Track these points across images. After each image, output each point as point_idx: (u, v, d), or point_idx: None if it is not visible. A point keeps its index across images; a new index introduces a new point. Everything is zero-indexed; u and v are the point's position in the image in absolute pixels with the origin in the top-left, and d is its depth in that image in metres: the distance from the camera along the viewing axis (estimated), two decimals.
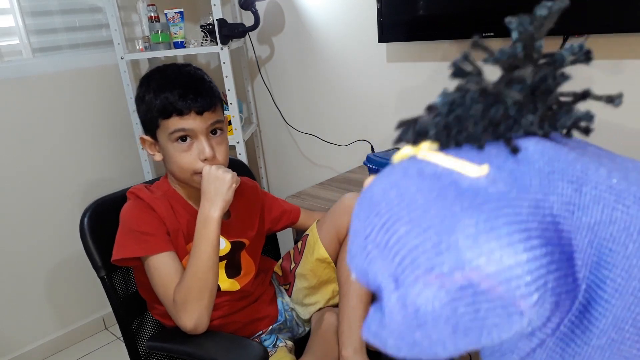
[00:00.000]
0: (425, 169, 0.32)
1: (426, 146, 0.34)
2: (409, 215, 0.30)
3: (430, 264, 0.28)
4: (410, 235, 0.29)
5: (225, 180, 0.99)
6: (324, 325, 1.12)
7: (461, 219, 0.28)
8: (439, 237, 0.28)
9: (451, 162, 0.32)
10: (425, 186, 0.31)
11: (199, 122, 1.00)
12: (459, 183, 0.30)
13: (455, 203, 0.29)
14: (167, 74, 1.03)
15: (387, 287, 0.30)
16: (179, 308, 0.98)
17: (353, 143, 1.96)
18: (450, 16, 1.47)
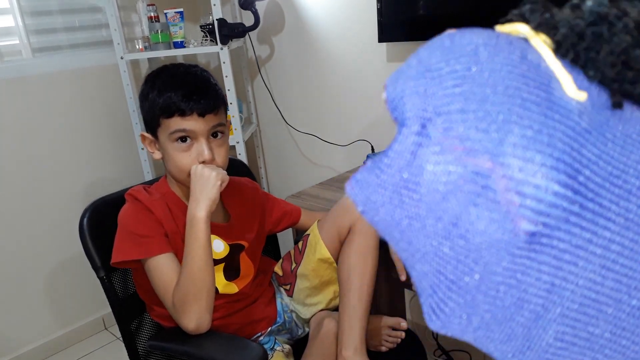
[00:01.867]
0: (530, 55, 0.30)
1: (543, 37, 0.31)
2: (485, 81, 0.28)
3: (466, 134, 0.27)
4: (472, 98, 0.27)
5: (210, 179, 0.98)
6: (323, 331, 1.12)
7: (529, 118, 0.26)
8: (494, 118, 0.27)
9: (559, 68, 0.29)
10: (520, 69, 0.29)
11: (200, 124, 0.99)
12: (552, 89, 0.28)
13: (536, 103, 0.27)
14: (172, 73, 1.03)
15: (411, 127, 0.29)
16: (178, 310, 0.98)
17: (353, 143, 1.96)
18: (450, 16, 1.47)
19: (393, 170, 0.29)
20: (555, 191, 0.25)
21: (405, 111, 0.29)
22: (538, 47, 0.30)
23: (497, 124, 0.26)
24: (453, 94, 0.28)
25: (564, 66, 0.30)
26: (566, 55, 0.30)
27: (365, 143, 1.88)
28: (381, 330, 1.19)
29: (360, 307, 1.07)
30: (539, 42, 0.31)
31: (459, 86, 0.28)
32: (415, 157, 0.28)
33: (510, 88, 0.27)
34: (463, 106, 0.27)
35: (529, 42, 0.31)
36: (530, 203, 0.26)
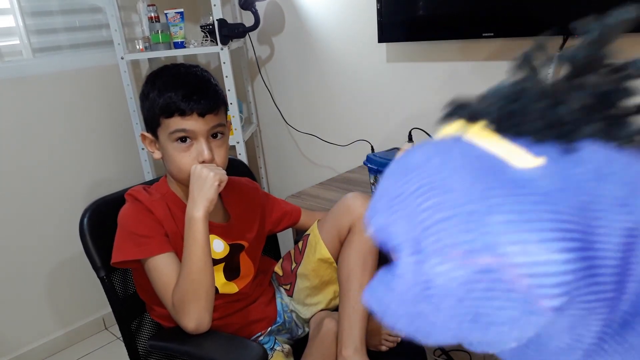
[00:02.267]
0: (475, 147, 0.31)
1: (479, 127, 0.33)
2: (447, 186, 0.29)
3: (457, 239, 0.27)
4: (445, 205, 0.28)
5: (208, 179, 0.98)
6: (323, 331, 1.12)
7: (504, 204, 0.27)
8: (475, 215, 0.27)
9: (506, 147, 0.31)
10: (472, 163, 0.30)
11: (200, 124, 0.99)
12: (509, 169, 0.29)
13: (502, 187, 0.28)
14: (173, 73, 1.03)
15: (406, 250, 0.30)
16: (178, 310, 0.98)
17: (353, 143, 1.96)
18: (450, 16, 1.47)
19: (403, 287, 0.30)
20: (563, 259, 0.26)
21: (394, 239, 0.31)
22: (478, 137, 0.32)
23: (480, 219, 0.27)
24: (428, 208, 0.29)
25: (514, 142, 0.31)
26: (507, 132, 0.32)
27: (365, 143, 1.88)
28: (381, 330, 1.19)
29: (360, 307, 1.07)
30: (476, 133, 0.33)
31: (428, 199, 0.29)
32: (418, 274, 0.29)
33: (475, 184, 0.28)
34: (442, 215, 0.28)
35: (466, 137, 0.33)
36: (545, 281, 0.26)
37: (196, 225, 0.97)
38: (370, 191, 1.44)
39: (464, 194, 0.28)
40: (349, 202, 1.13)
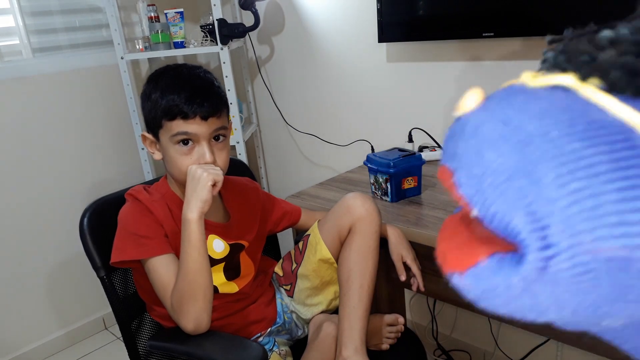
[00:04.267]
0: (594, 113, 0.28)
1: (594, 82, 0.29)
2: (572, 164, 0.26)
3: (590, 230, 0.25)
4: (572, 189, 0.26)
5: (201, 180, 0.97)
6: (322, 334, 1.12)
7: (635, 187, 0.25)
8: (605, 201, 0.25)
9: (628, 114, 0.27)
10: (595, 134, 0.27)
11: (203, 128, 0.99)
12: (635, 141, 0.26)
13: (630, 166, 0.25)
14: (176, 74, 1.01)
15: (534, 244, 0.27)
16: (176, 311, 0.98)
17: (353, 143, 1.96)
18: (450, 16, 1.47)
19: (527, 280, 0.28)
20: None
21: (515, 230, 0.28)
22: (593, 98, 0.28)
23: (612, 206, 0.25)
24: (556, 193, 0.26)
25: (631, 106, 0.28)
26: (624, 93, 0.29)
27: (365, 143, 1.88)
28: (382, 329, 1.19)
29: (361, 307, 1.07)
30: (594, 92, 0.29)
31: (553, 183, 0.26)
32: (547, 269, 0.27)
33: (602, 164, 0.26)
34: (572, 200, 0.26)
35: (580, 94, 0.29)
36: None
37: (190, 226, 0.97)
38: (370, 191, 1.44)
39: (592, 175, 0.26)
40: (349, 202, 1.13)
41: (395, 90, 1.80)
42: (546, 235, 0.26)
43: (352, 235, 1.12)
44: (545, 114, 0.28)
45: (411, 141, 1.70)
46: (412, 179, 1.36)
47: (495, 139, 0.29)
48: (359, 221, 1.11)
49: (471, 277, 0.30)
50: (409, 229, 1.20)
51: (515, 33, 1.38)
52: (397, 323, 1.20)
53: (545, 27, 1.32)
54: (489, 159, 0.29)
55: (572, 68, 0.30)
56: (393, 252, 1.18)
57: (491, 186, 0.28)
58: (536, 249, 0.27)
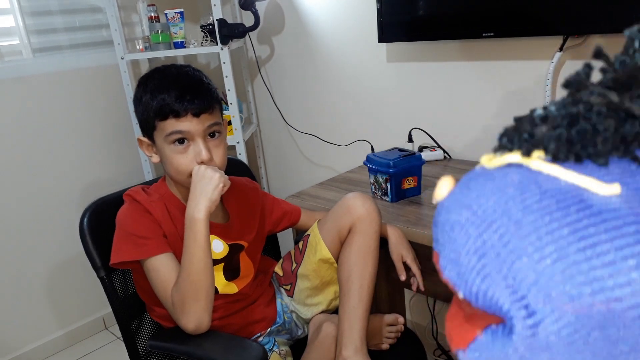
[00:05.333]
0: (544, 184, 0.29)
1: (539, 156, 0.31)
2: (535, 234, 0.28)
3: (566, 292, 0.26)
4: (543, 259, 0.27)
5: (212, 180, 0.97)
6: (322, 335, 1.12)
7: (597, 244, 0.26)
8: (573, 262, 0.26)
9: (575, 178, 0.29)
10: (551, 202, 0.28)
11: (195, 124, 0.99)
12: (588, 202, 0.28)
13: (589, 225, 0.27)
14: (165, 75, 1.02)
15: (518, 315, 0.28)
16: (177, 310, 0.98)
17: (353, 143, 1.96)
18: (450, 16, 1.47)
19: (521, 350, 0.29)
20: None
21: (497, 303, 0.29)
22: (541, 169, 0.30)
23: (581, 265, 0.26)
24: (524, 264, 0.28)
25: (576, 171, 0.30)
26: (567, 160, 0.30)
27: (365, 143, 1.88)
28: (382, 329, 1.19)
29: (361, 307, 1.07)
30: (540, 164, 0.30)
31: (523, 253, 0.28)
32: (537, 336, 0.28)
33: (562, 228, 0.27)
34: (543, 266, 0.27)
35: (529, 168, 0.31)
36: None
37: (197, 226, 0.97)
38: (370, 191, 1.44)
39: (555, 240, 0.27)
40: (349, 202, 1.13)
41: (395, 90, 1.80)
42: (527, 304, 0.28)
43: (352, 235, 1.12)
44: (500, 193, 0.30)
45: (411, 141, 1.70)
46: (412, 179, 1.36)
47: (462, 223, 0.31)
48: (359, 221, 1.11)
49: (472, 352, 0.32)
50: (409, 229, 1.20)
51: (515, 33, 1.38)
52: (397, 323, 1.20)
53: (545, 27, 1.32)
54: (460, 243, 0.31)
55: (516, 147, 0.32)
56: (393, 252, 1.18)
57: (467, 268, 0.30)
58: (521, 318, 0.28)
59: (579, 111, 0.30)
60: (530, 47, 1.44)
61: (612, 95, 0.30)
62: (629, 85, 0.31)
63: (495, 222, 0.29)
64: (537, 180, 0.30)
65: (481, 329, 0.31)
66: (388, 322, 1.20)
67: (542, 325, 0.27)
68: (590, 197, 0.28)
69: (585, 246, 0.26)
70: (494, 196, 0.30)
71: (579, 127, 0.30)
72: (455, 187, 0.34)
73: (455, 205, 0.32)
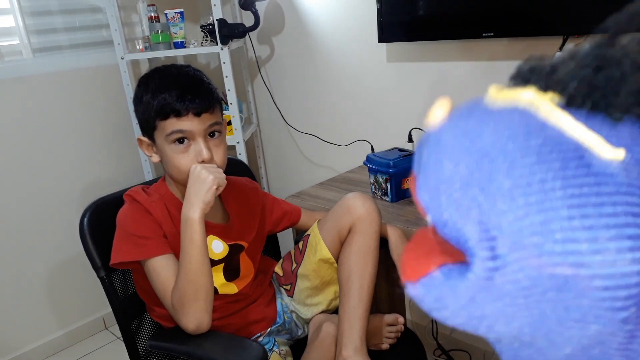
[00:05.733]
0: (550, 131, 0.28)
1: (551, 96, 0.29)
2: (525, 178, 0.26)
3: (537, 245, 0.25)
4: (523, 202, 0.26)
5: (206, 182, 0.97)
6: (322, 334, 1.12)
7: (584, 205, 0.25)
8: (554, 217, 0.25)
9: (583, 133, 0.27)
10: (551, 150, 0.27)
11: (196, 124, 0.99)
12: (588, 160, 0.27)
13: (582, 184, 0.26)
14: (165, 74, 1.02)
15: (481, 254, 0.27)
16: (177, 311, 0.98)
17: (353, 143, 1.96)
18: (450, 16, 1.47)
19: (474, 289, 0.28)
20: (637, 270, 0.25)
21: (464, 237, 0.28)
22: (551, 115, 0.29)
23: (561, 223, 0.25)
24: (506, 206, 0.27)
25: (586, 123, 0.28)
26: (582, 107, 0.29)
27: (365, 143, 1.88)
28: (382, 329, 1.19)
29: (361, 307, 1.07)
30: (552, 110, 0.29)
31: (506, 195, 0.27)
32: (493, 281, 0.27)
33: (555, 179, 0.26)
34: (522, 213, 0.26)
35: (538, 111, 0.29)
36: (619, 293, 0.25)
37: (193, 226, 0.97)
38: (370, 191, 1.44)
39: (543, 190, 0.26)
40: (349, 202, 1.13)
41: (395, 90, 1.80)
42: (494, 246, 0.27)
43: (352, 235, 1.12)
44: (503, 128, 0.29)
45: (411, 141, 1.70)
46: None
47: (454, 149, 0.30)
48: (359, 221, 1.11)
49: (422, 286, 0.31)
50: (409, 229, 1.20)
51: (515, 33, 1.38)
52: (397, 323, 1.20)
53: (545, 27, 1.32)
54: (446, 168, 0.30)
55: (534, 80, 0.30)
56: (393, 252, 1.18)
57: (445, 194, 0.29)
58: (482, 259, 0.27)
59: (613, 55, 0.28)
60: (530, 47, 1.44)
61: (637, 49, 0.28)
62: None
63: (489, 155, 0.28)
64: (544, 126, 0.28)
65: (437, 266, 0.30)
66: (388, 322, 1.20)
67: (501, 271, 0.26)
68: (591, 156, 0.27)
69: (572, 204, 0.26)
70: (495, 130, 0.29)
71: (607, 72, 0.28)
72: (454, 112, 0.32)
73: (451, 129, 0.31)
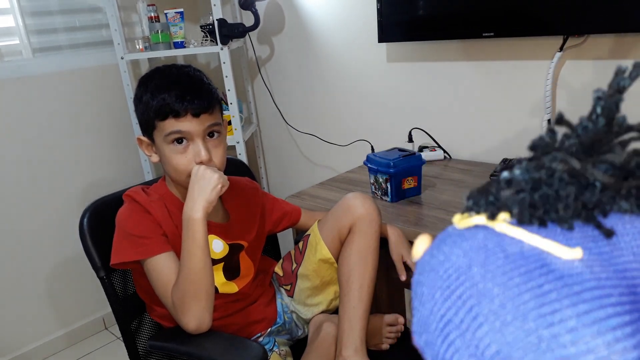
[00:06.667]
0: (509, 247, 0.29)
1: (503, 219, 0.31)
2: (497, 300, 0.27)
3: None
4: (505, 326, 0.27)
5: (211, 180, 0.97)
6: (322, 334, 1.12)
7: (560, 310, 0.26)
8: (535, 329, 0.26)
9: (538, 242, 0.29)
10: (513, 267, 0.28)
11: (195, 125, 0.99)
12: (550, 266, 0.28)
13: (550, 290, 0.27)
14: (165, 74, 1.02)
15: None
16: (178, 310, 0.98)
17: (353, 143, 1.96)
18: (450, 16, 1.47)
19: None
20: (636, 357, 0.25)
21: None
22: (506, 232, 0.30)
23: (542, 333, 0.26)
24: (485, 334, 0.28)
25: (540, 234, 0.30)
26: (531, 224, 0.31)
27: (365, 143, 1.88)
28: (382, 329, 1.19)
29: (361, 307, 1.07)
30: (503, 227, 0.31)
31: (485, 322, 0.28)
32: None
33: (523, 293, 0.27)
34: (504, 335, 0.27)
35: (494, 231, 0.31)
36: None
37: (195, 226, 0.97)
38: (370, 191, 1.44)
39: (519, 308, 0.27)
40: (349, 202, 1.13)
41: (395, 90, 1.80)
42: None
43: (352, 235, 1.12)
44: (466, 257, 0.30)
45: (411, 141, 1.70)
46: (412, 179, 1.36)
47: (430, 287, 0.31)
48: (359, 221, 1.11)
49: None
50: (409, 229, 1.20)
51: (516, 33, 1.38)
52: (397, 323, 1.20)
53: (545, 27, 1.32)
54: (427, 308, 0.31)
55: (482, 209, 0.32)
56: (393, 252, 1.18)
57: (434, 335, 0.30)
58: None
59: (541, 177, 0.31)
60: (530, 47, 1.44)
61: (573, 162, 0.30)
62: (591, 151, 0.31)
63: (459, 288, 0.29)
64: (502, 244, 0.30)
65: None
66: (388, 322, 1.20)
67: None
68: (553, 262, 0.28)
69: (547, 312, 0.26)
70: (459, 260, 0.30)
71: (542, 192, 0.31)
72: (429, 246, 0.34)
73: (424, 268, 0.33)
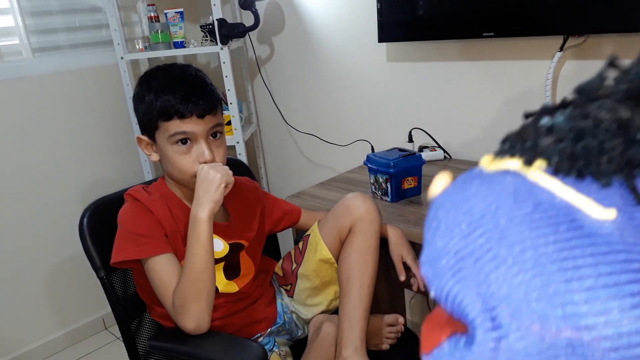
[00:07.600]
0: (540, 196, 0.28)
1: (540, 167, 0.30)
2: (518, 246, 0.27)
3: (537, 311, 0.26)
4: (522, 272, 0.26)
5: (214, 181, 0.97)
6: (322, 335, 1.12)
7: (580, 267, 0.25)
8: (551, 281, 0.26)
9: (572, 196, 0.28)
10: (542, 217, 0.27)
11: (199, 126, 0.99)
12: (580, 222, 0.27)
13: (576, 246, 0.26)
14: (168, 74, 1.02)
15: (482, 325, 0.28)
16: (178, 311, 0.97)
17: (353, 143, 1.96)
18: (450, 16, 1.47)
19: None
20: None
21: (467, 311, 0.28)
22: (539, 181, 0.29)
23: (558, 286, 0.26)
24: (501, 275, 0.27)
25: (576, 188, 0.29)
26: (569, 174, 0.30)
27: (365, 143, 1.88)
28: (382, 329, 1.19)
29: (361, 307, 1.07)
30: (537, 175, 0.30)
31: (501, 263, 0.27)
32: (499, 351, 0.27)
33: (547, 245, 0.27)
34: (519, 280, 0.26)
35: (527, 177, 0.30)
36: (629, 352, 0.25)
37: (201, 225, 0.97)
38: (370, 191, 1.44)
39: (537, 255, 0.26)
40: (349, 202, 1.13)
41: (395, 90, 1.80)
42: (495, 316, 0.27)
43: (352, 235, 1.12)
44: (493, 198, 0.29)
45: (411, 141, 1.70)
46: (412, 179, 1.36)
47: (449, 222, 0.30)
48: (359, 221, 1.11)
49: (433, 358, 0.31)
50: (409, 229, 1.20)
51: (516, 33, 1.38)
52: (397, 323, 1.20)
53: (545, 27, 1.32)
54: (443, 242, 0.30)
55: (518, 154, 0.31)
56: (393, 252, 1.18)
57: (444, 268, 0.30)
58: (485, 330, 0.27)
59: (586, 126, 0.29)
60: (530, 47, 1.44)
61: (623, 112, 0.29)
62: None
63: (481, 227, 0.29)
64: (533, 192, 0.29)
65: (447, 336, 0.31)
66: (388, 322, 1.20)
67: (505, 341, 0.27)
68: (583, 218, 0.27)
69: (567, 267, 0.26)
70: (486, 200, 0.30)
71: (585, 143, 0.29)
72: (450, 185, 0.33)
73: (446, 203, 0.32)
